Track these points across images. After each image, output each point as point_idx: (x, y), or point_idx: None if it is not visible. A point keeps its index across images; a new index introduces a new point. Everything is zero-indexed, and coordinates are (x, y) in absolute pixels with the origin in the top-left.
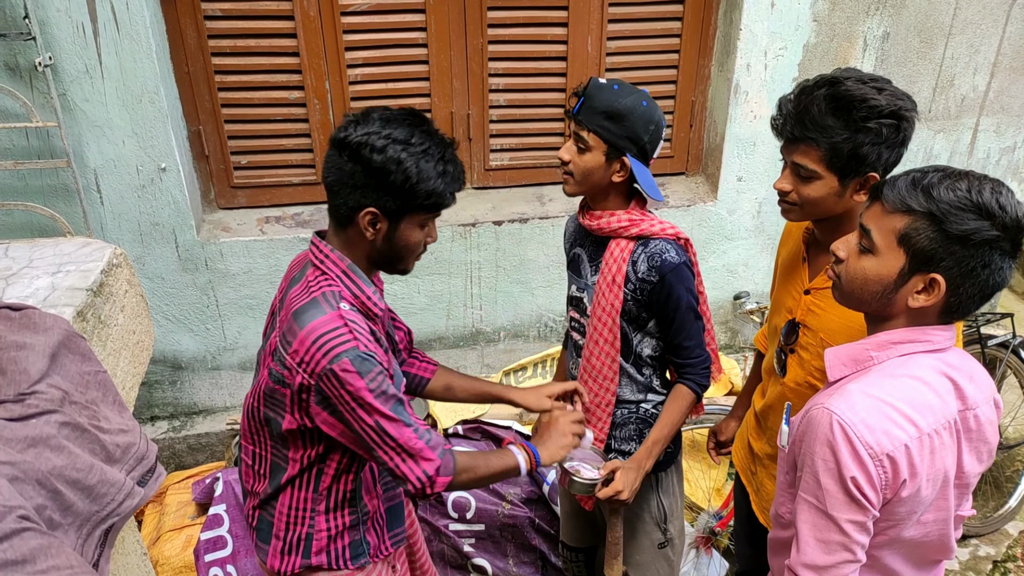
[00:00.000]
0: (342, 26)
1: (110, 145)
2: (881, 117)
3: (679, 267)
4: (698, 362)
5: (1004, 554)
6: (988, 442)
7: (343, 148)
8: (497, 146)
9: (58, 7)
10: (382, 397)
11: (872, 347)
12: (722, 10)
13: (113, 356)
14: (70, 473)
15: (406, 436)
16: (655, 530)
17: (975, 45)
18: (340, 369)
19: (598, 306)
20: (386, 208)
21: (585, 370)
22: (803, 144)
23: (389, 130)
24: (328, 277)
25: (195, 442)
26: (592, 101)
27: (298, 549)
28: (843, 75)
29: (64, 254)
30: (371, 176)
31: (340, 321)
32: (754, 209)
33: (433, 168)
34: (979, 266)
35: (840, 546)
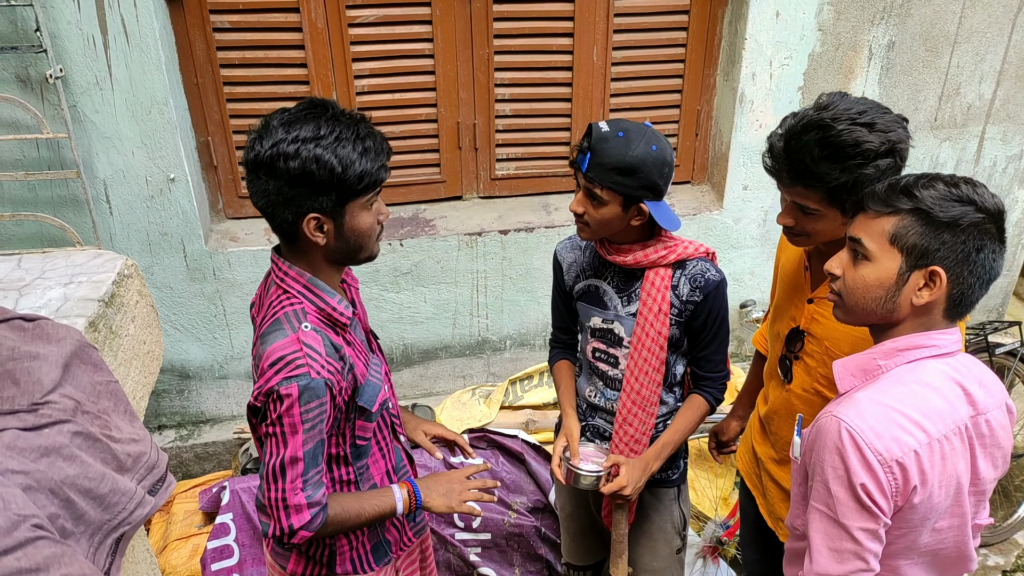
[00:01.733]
0: (349, 37)
1: (119, 156)
2: (877, 158)
3: (721, 284)
4: (719, 377)
5: (1013, 564)
6: (1002, 447)
7: (258, 168)
8: (503, 155)
9: (69, 20)
10: (308, 434)
11: (879, 356)
12: (727, 20)
13: (124, 366)
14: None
15: (293, 485)
16: (675, 537)
17: (981, 53)
18: (284, 392)
19: (645, 336)
20: (325, 208)
21: (633, 403)
22: (801, 188)
23: (294, 132)
24: (290, 295)
25: (202, 451)
26: (600, 156)
27: (321, 562)
28: (831, 116)
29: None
30: (296, 185)
31: (297, 345)
32: (760, 218)
33: (352, 151)
34: (973, 251)
35: (852, 555)
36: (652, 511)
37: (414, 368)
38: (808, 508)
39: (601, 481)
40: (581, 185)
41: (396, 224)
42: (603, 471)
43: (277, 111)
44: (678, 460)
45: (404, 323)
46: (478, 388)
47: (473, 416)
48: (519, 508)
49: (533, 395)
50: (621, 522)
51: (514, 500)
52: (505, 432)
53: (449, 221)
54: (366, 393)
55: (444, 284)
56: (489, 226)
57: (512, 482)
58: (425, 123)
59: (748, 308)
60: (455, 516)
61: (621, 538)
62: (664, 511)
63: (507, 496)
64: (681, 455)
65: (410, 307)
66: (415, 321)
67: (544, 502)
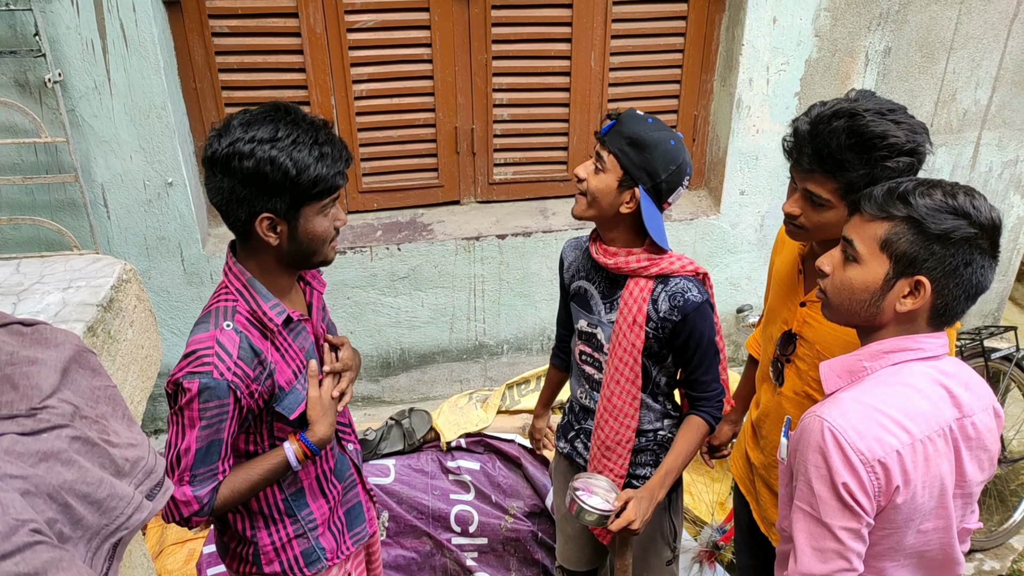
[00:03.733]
0: (348, 42)
1: (117, 160)
2: (900, 155)
3: (702, 305)
4: (713, 395)
5: (1009, 568)
6: (988, 450)
7: (215, 166)
8: (501, 160)
9: (68, 24)
10: (205, 432)
11: (865, 357)
12: (724, 26)
13: (122, 371)
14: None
15: (182, 479)
16: (665, 549)
17: (976, 59)
18: (186, 385)
19: (619, 346)
20: (278, 210)
21: (606, 410)
22: (818, 175)
23: (252, 132)
24: (229, 291)
25: None
26: (621, 126)
27: (248, 560)
28: (860, 106)
29: (75, 270)
30: (249, 184)
31: (211, 342)
32: (757, 222)
33: (308, 155)
34: (961, 264)
35: (835, 554)
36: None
37: (411, 372)
38: (792, 508)
39: (609, 520)
40: (593, 153)
41: (394, 228)
42: (611, 511)
43: (239, 111)
44: None
45: (401, 327)
46: (475, 392)
47: (470, 420)
48: (516, 513)
49: (530, 399)
50: (626, 553)
51: (511, 505)
52: (502, 436)
53: (447, 225)
54: (286, 400)
55: (441, 288)
56: (487, 231)
57: (509, 487)
58: (423, 128)
59: (745, 313)
60: (451, 521)
61: (625, 568)
62: (654, 521)
63: (504, 501)
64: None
65: (407, 311)
66: (412, 325)
67: (541, 506)
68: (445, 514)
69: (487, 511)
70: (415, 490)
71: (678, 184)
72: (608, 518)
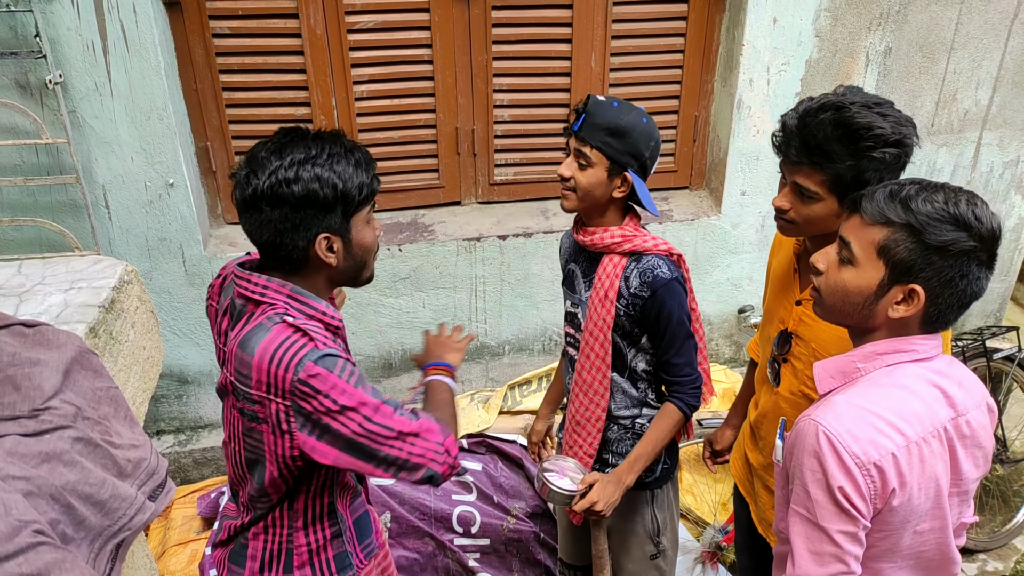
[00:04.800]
0: (348, 43)
1: (118, 161)
2: (886, 146)
3: (671, 282)
4: (687, 381)
5: (1012, 569)
6: (983, 447)
7: (258, 202)
8: (501, 161)
9: (68, 25)
10: (360, 386)
11: (858, 359)
12: (724, 26)
13: (124, 372)
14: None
15: (399, 420)
16: (647, 542)
17: (977, 60)
18: (307, 375)
19: (590, 321)
20: (333, 226)
21: (577, 384)
22: (806, 167)
23: (287, 157)
24: (274, 305)
25: (200, 456)
26: (593, 118)
27: (277, 565)
28: (847, 99)
29: (76, 271)
30: (301, 208)
31: (289, 330)
32: (758, 223)
33: (347, 165)
34: (957, 276)
35: (833, 557)
36: (624, 511)
37: (413, 373)
38: (788, 511)
39: (574, 500)
40: (571, 148)
41: (395, 229)
42: (576, 492)
43: (257, 144)
44: (655, 464)
45: (403, 328)
46: (477, 393)
47: (472, 421)
48: (518, 513)
49: (532, 400)
50: (600, 538)
51: (513, 505)
52: (504, 437)
53: (448, 226)
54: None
55: (443, 289)
56: (488, 231)
57: (511, 487)
58: (424, 128)
59: (746, 313)
60: (454, 521)
61: (601, 553)
62: (635, 512)
63: (506, 501)
64: (660, 459)
65: (409, 312)
66: (414, 326)
67: (543, 507)
68: (447, 515)
69: (489, 512)
70: (417, 491)
71: (656, 155)
72: (574, 498)
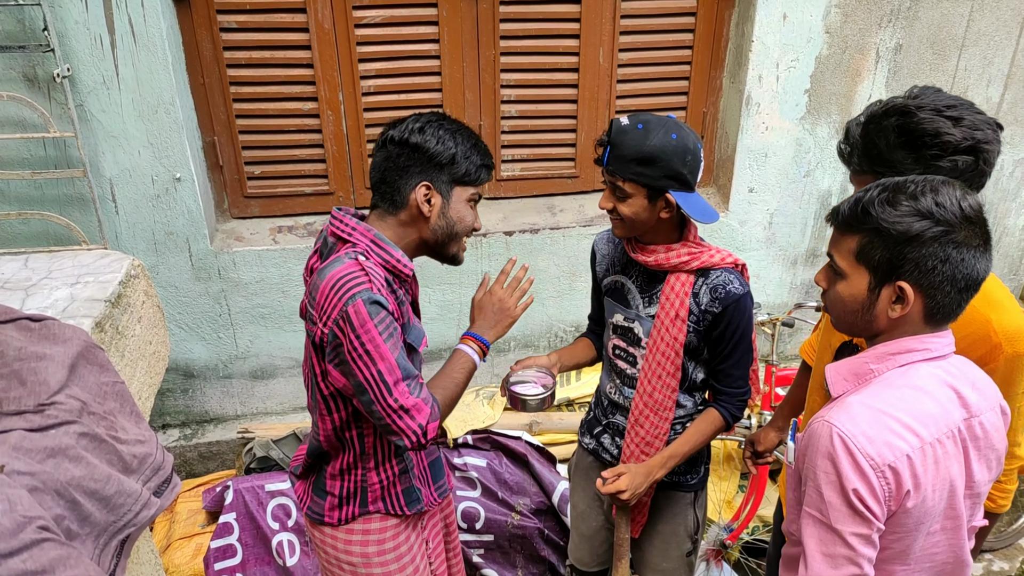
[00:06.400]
0: (356, 38)
1: (126, 155)
2: (956, 153)
3: (743, 298)
4: (738, 393)
5: (1018, 569)
6: (996, 449)
7: (388, 144)
8: (509, 157)
9: (76, 19)
10: (390, 341)
11: (871, 360)
12: (734, 22)
13: (130, 367)
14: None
15: (401, 391)
16: (686, 541)
17: (988, 57)
18: (353, 310)
19: (660, 341)
20: (436, 181)
21: (646, 404)
22: (870, 176)
23: (423, 121)
24: (356, 244)
25: (206, 450)
26: (620, 149)
27: (354, 501)
28: (917, 104)
29: (83, 265)
30: (416, 153)
31: (357, 266)
32: (765, 220)
33: (467, 143)
34: (938, 264)
35: (846, 560)
36: (667, 512)
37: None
38: (801, 513)
39: (545, 403)
40: (606, 181)
41: None
42: (547, 392)
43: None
44: (698, 465)
45: None
46: (482, 389)
47: (476, 417)
48: (522, 510)
49: None
50: (622, 525)
51: (517, 502)
52: (508, 433)
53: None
54: (413, 333)
55: (448, 285)
56: (494, 227)
57: (516, 483)
58: None
59: (754, 311)
60: (458, 517)
61: (622, 541)
62: (679, 514)
63: (510, 498)
64: (702, 461)
65: None
66: None
67: (547, 504)
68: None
69: (493, 508)
70: None
71: (698, 163)
72: (546, 399)
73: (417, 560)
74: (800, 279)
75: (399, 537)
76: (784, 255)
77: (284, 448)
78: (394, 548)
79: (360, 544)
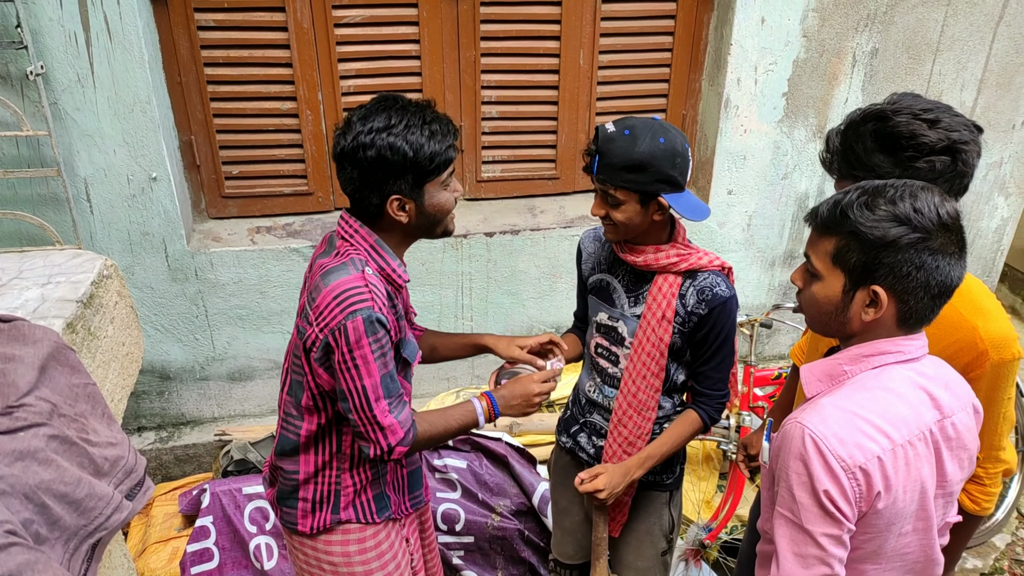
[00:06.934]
0: (335, 38)
1: (101, 154)
2: (932, 154)
3: (729, 301)
4: (717, 395)
5: (991, 566)
6: (968, 448)
7: (343, 160)
8: (489, 158)
9: (51, 16)
10: (380, 361)
11: (845, 361)
12: (713, 25)
13: (102, 368)
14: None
15: (381, 409)
16: (662, 540)
17: (962, 61)
18: (351, 325)
19: (646, 341)
20: (404, 190)
21: (629, 404)
22: (851, 181)
23: (369, 124)
24: (357, 249)
25: (182, 453)
26: (609, 157)
27: (327, 505)
28: (894, 108)
29: (54, 265)
30: (376, 171)
31: (362, 282)
32: (744, 222)
33: (421, 135)
34: (913, 270)
35: (817, 560)
36: (642, 512)
37: None
38: (774, 513)
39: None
40: (597, 189)
41: None
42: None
43: (356, 108)
44: (674, 465)
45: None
46: (462, 391)
47: None
48: (502, 511)
49: None
50: (600, 524)
51: (497, 503)
52: (489, 435)
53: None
54: (408, 347)
55: (429, 286)
56: (474, 228)
57: (496, 485)
58: None
59: None
60: (438, 519)
61: (600, 540)
62: (654, 513)
63: (490, 499)
64: (678, 461)
65: None
66: None
67: (527, 505)
68: (431, 512)
69: (474, 509)
70: None
71: (687, 163)
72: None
73: (399, 557)
74: (778, 280)
75: (379, 536)
76: (762, 257)
77: (262, 450)
78: (375, 547)
79: (340, 544)
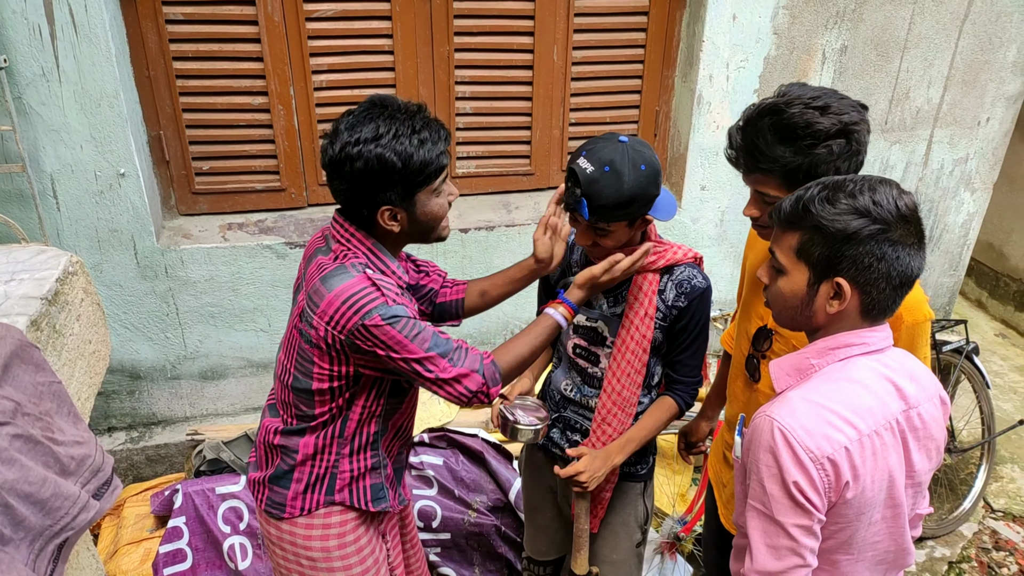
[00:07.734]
0: (307, 32)
1: (67, 150)
2: (828, 139)
3: (706, 291)
4: (692, 382)
5: (959, 555)
6: (935, 439)
7: (332, 170)
8: (463, 154)
9: (13, 8)
10: (416, 340)
11: (812, 355)
12: (685, 22)
13: (68, 366)
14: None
15: (442, 367)
16: (636, 531)
17: (929, 59)
18: (372, 324)
19: (630, 339)
20: (394, 200)
21: (613, 402)
22: (759, 175)
23: (356, 135)
24: (355, 253)
25: (154, 453)
26: (598, 199)
27: (321, 487)
28: (785, 100)
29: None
30: (365, 182)
31: (367, 282)
32: (717, 217)
33: (409, 145)
34: (874, 261)
35: (789, 551)
36: (618, 504)
37: None
38: (746, 506)
39: (539, 435)
40: (581, 223)
41: None
42: (541, 424)
43: (344, 114)
44: (647, 456)
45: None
46: None
47: (432, 415)
48: (479, 507)
49: None
50: (582, 515)
51: (474, 499)
52: (465, 431)
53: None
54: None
55: None
56: (450, 224)
57: (472, 481)
58: None
59: None
60: (415, 516)
61: (581, 532)
62: (628, 504)
63: (467, 495)
64: (651, 451)
65: None
66: None
67: (504, 501)
68: None
69: (450, 506)
70: None
71: (660, 176)
72: (540, 430)
73: (377, 553)
74: None
75: (359, 530)
76: (735, 252)
77: (235, 450)
78: (354, 541)
79: (320, 539)
